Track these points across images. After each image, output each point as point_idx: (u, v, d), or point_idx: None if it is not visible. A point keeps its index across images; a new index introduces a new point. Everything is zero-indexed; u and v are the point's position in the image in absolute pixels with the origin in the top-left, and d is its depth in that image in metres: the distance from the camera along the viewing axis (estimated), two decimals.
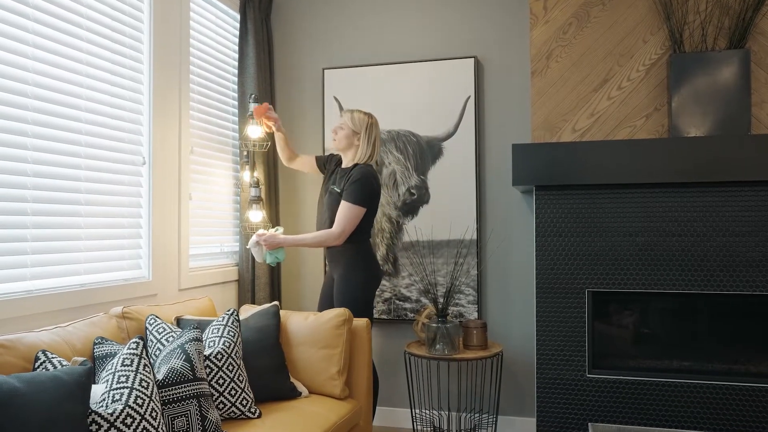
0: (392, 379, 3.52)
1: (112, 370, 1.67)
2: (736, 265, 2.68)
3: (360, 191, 2.77)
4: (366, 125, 2.88)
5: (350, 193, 2.77)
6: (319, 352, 2.52)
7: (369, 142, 2.88)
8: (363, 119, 2.89)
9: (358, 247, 2.85)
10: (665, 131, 2.94)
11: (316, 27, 3.70)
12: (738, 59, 2.77)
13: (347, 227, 2.78)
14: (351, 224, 2.78)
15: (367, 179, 2.79)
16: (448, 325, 2.94)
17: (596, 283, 2.82)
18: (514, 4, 3.38)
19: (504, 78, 3.39)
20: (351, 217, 2.77)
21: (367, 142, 2.88)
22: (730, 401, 2.67)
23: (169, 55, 2.83)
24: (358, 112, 2.91)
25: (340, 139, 2.91)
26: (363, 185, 2.78)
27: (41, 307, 2.10)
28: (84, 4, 2.34)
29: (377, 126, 2.93)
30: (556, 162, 2.81)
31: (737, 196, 2.69)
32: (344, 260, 2.84)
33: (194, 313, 2.52)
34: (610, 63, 3.01)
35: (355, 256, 2.83)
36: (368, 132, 2.89)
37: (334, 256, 2.90)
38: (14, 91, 2.04)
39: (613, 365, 2.86)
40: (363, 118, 2.89)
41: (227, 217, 3.39)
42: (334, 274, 2.93)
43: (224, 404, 2.11)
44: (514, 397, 3.35)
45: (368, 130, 2.88)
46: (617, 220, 2.81)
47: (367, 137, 2.88)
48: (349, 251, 2.84)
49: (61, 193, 2.23)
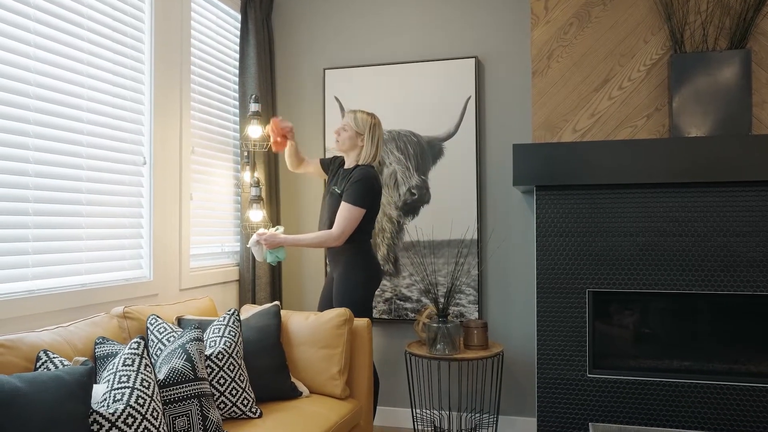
0: (393, 378, 3.52)
1: (113, 369, 1.68)
2: (736, 265, 2.69)
3: (360, 192, 2.76)
4: (369, 126, 2.88)
5: (350, 194, 2.77)
6: (319, 352, 2.52)
7: (372, 142, 2.88)
8: (366, 120, 2.88)
9: (359, 247, 2.85)
10: (666, 131, 2.94)
11: (317, 27, 3.70)
12: (739, 59, 2.77)
13: (347, 228, 2.77)
14: (350, 225, 2.78)
15: (368, 180, 2.79)
16: (449, 325, 2.94)
17: (597, 283, 2.82)
18: (515, 4, 3.38)
19: (505, 78, 3.39)
20: (350, 218, 2.77)
21: (370, 142, 2.88)
22: (730, 401, 2.67)
23: (170, 55, 2.83)
24: (361, 113, 2.90)
25: (344, 141, 2.90)
26: (363, 186, 2.77)
27: (42, 307, 2.10)
28: (85, 4, 2.35)
29: (380, 126, 2.92)
30: (556, 162, 2.81)
31: (738, 196, 2.69)
32: (344, 260, 2.85)
33: (195, 313, 2.52)
34: (611, 63, 3.02)
35: (355, 256, 2.84)
36: (372, 132, 2.88)
37: (334, 256, 2.90)
38: (16, 92, 2.04)
39: (614, 365, 2.87)
40: (366, 119, 2.88)
41: (228, 217, 3.39)
42: (334, 274, 2.93)
43: (225, 404, 2.11)
44: (515, 397, 3.35)
45: (371, 130, 2.88)
46: (618, 220, 2.81)
47: (371, 138, 2.88)
48: (349, 251, 2.84)
49: (62, 193, 2.23)
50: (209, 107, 3.21)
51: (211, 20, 3.26)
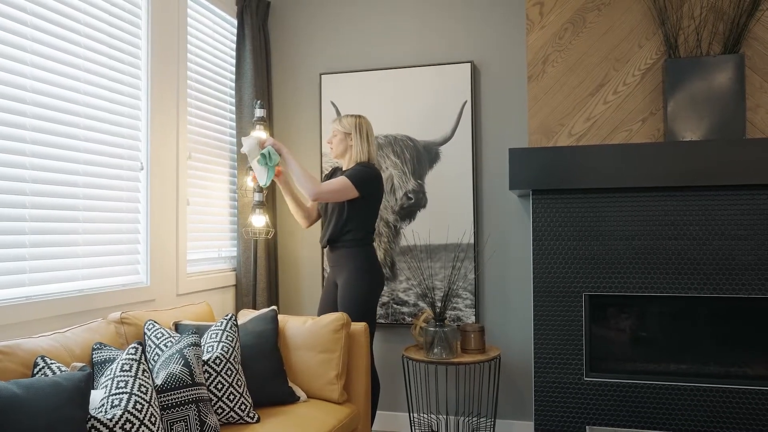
0: (390, 383, 3.52)
1: (111, 375, 1.68)
2: (732, 268, 2.70)
3: (359, 174, 2.80)
4: (355, 125, 2.92)
5: (352, 172, 2.81)
6: (317, 357, 2.52)
7: (362, 139, 2.91)
8: (351, 120, 2.93)
9: (365, 251, 2.85)
10: (661, 135, 2.96)
11: (313, 32, 3.71)
12: (733, 64, 2.79)
13: (329, 192, 2.75)
14: (333, 192, 2.76)
15: (368, 170, 2.83)
16: (446, 329, 2.95)
17: (593, 286, 2.83)
18: (510, 10, 3.40)
19: (500, 83, 3.40)
20: (339, 188, 2.76)
21: (360, 139, 2.91)
22: (727, 404, 2.68)
23: (167, 61, 2.83)
24: (345, 116, 2.96)
25: (336, 146, 2.95)
26: (362, 171, 2.82)
27: (40, 313, 2.10)
28: (81, 10, 2.35)
29: (368, 124, 2.96)
30: (552, 166, 2.82)
31: (733, 199, 2.71)
32: (350, 265, 2.84)
33: (192, 318, 2.52)
34: (606, 68, 3.03)
35: (361, 261, 2.83)
36: (359, 130, 2.91)
37: (338, 260, 2.89)
38: (13, 98, 2.04)
39: (611, 368, 2.87)
40: (351, 119, 2.94)
41: (225, 223, 3.39)
42: (337, 278, 2.92)
43: (223, 409, 2.11)
44: (512, 401, 3.35)
45: (358, 128, 2.92)
46: (614, 223, 2.82)
47: (359, 135, 2.91)
48: (355, 255, 2.84)
49: (59, 199, 2.23)
50: (206, 113, 3.21)
51: (208, 26, 3.27)
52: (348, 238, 2.85)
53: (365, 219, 2.86)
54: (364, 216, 2.86)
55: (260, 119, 3.15)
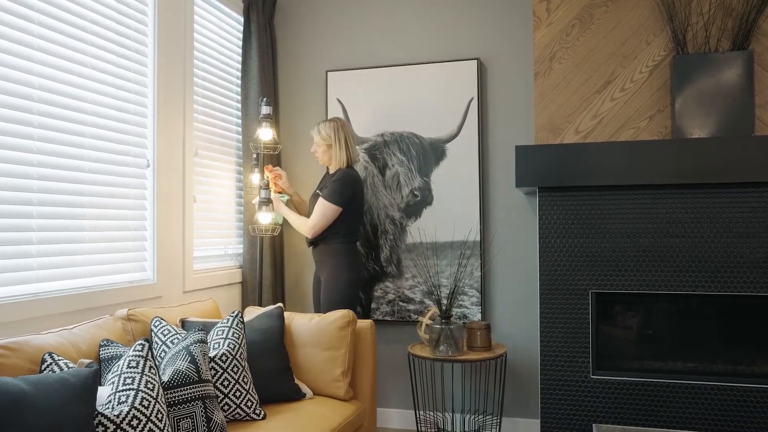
0: (396, 380, 3.52)
1: (118, 372, 1.68)
2: (740, 267, 2.68)
3: (336, 190, 2.95)
4: (334, 132, 3.05)
5: (327, 192, 2.97)
6: (323, 354, 2.52)
7: (341, 147, 3.05)
8: (329, 128, 3.06)
9: (345, 250, 3.01)
10: (668, 133, 2.94)
11: (319, 30, 3.71)
12: (741, 61, 2.77)
13: (319, 223, 2.97)
14: (323, 220, 2.96)
15: (346, 181, 2.97)
16: (452, 326, 2.95)
17: (600, 284, 2.82)
18: (517, 6, 3.38)
19: (507, 80, 3.39)
20: (324, 214, 2.96)
21: (338, 147, 3.05)
22: (734, 402, 2.66)
23: (173, 59, 2.84)
24: (322, 124, 3.08)
25: (321, 156, 3.12)
26: (341, 186, 2.96)
27: (47, 309, 2.11)
28: (88, 8, 2.36)
29: (345, 127, 3.07)
30: (559, 163, 2.81)
31: (741, 197, 2.69)
32: (331, 262, 3.00)
33: (199, 315, 2.53)
34: (613, 65, 3.02)
35: (340, 258, 2.99)
36: (338, 138, 3.05)
37: (321, 256, 3.06)
38: (20, 95, 2.05)
39: (617, 366, 2.86)
40: (328, 127, 3.06)
41: (231, 219, 3.40)
42: (320, 275, 3.07)
43: (229, 406, 2.12)
44: (518, 399, 3.35)
45: (337, 135, 3.05)
46: (621, 221, 2.81)
47: (338, 143, 3.05)
48: (336, 255, 3.00)
49: (66, 196, 2.24)
50: (212, 110, 3.22)
51: (214, 23, 3.27)
52: (330, 237, 3.02)
53: (345, 219, 3.02)
54: (345, 217, 3.01)
55: (266, 116, 3.17)
